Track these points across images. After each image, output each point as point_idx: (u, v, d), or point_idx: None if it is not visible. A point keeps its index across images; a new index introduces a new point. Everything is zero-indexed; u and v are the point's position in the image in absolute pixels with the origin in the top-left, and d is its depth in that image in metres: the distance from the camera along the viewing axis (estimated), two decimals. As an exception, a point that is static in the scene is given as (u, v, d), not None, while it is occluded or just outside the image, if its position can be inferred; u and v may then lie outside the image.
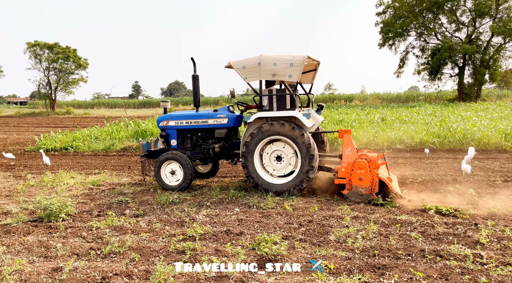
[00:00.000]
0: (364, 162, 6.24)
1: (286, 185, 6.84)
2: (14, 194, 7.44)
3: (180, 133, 8.00)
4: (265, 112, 6.95)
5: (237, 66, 7.00)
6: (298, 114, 6.71)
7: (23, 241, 4.89)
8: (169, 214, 5.98)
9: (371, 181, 6.18)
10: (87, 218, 5.89)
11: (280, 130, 6.72)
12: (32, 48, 43.18)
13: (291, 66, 6.67)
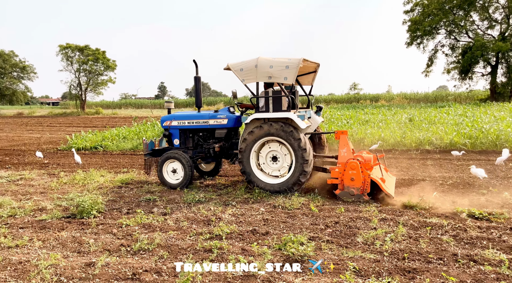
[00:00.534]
0: (356, 163, 6.30)
1: (279, 185, 6.98)
2: (49, 191, 7.73)
3: (182, 133, 8.21)
4: (261, 113, 7.08)
5: (235, 69, 7.15)
6: (293, 116, 6.77)
7: (57, 236, 5.08)
8: (196, 213, 6.06)
9: (363, 182, 6.25)
10: (117, 215, 6.05)
11: (275, 132, 6.83)
12: (64, 50, 44.82)
13: (286, 69, 6.78)
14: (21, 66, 48.89)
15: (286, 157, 7.07)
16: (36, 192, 7.72)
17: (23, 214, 6.08)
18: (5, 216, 5.96)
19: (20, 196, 7.29)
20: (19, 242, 4.82)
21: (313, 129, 7.78)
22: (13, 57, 48.45)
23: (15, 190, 7.90)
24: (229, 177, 9.03)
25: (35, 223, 5.65)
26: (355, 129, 13.96)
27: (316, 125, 7.93)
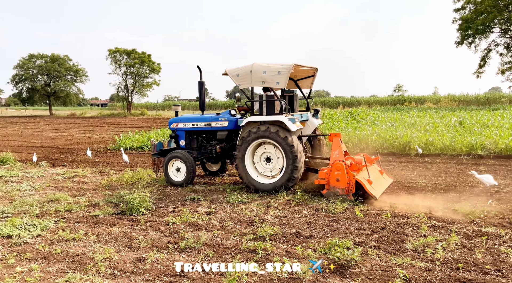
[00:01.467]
0: (341, 164, 6.49)
1: (273, 184, 7.23)
2: (100, 188, 8.15)
3: (187, 134, 8.67)
4: (256, 116, 7.40)
5: (232, 74, 7.52)
6: (284, 119, 7.03)
7: (110, 231, 5.34)
8: (239, 213, 6.13)
9: (348, 182, 6.44)
10: (163, 213, 6.26)
11: (267, 134, 7.10)
12: (112, 54, 47.12)
13: (278, 74, 7.07)
14: (74, 69, 51.98)
15: (279, 159, 7.32)
16: (89, 188, 8.16)
17: (78, 209, 6.46)
18: (62, 210, 6.36)
19: (75, 192, 7.75)
20: (76, 235, 5.12)
21: (310, 132, 8.10)
22: (68, 61, 51.63)
23: (70, 186, 8.41)
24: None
25: (89, 218, 5.97)
26: (400, 132, 13.49)
27: (314, 128, 8.19)
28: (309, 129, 8.18)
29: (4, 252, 4.58)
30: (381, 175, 7.32)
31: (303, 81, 8.52)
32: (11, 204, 6.72)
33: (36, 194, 7.62)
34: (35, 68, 49.75)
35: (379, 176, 7.27)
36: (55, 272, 4.05)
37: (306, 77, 8.49)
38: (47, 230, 5.40)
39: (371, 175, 6.68)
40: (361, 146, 12.84)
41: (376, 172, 7.22)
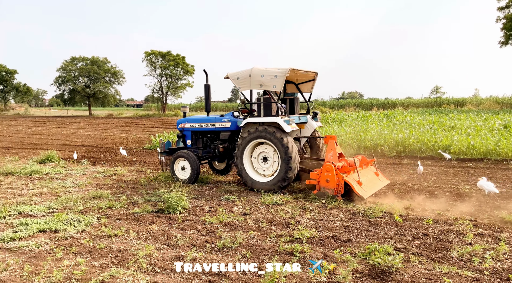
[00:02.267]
0: (331, 166, 6.75)
1: (269, 183, 7.54)
2: (138, 187, 8.39)
3: (194, 134, 9.07)
4: (253, 118, 7.75)
5: (233, 77, 7.91)
6: (279, 120, 7.33)
7: (149, 229, 5.48)
8: (274, 215, 6.12)
9: (337, 183, 6.70)
10: (200, 212, 6.35)
11: (264, 134, 7.43)
12: (148, 56, 48.51)
13: (275, 78, 7.38)
14: (112, 71, 53.96)
15: (275, 159, 7.63)
16: (127, 186, 8.42)
17: (119, 207, 6.68)
18: (104, 207, 6.60)
19: (114, 190, 8.02)
20: (117, 232, 5.30)
21: (309, 134, 8.47)
22: (106, 63, 53.67)
23: (110, 184, 8.71)
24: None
25: (129, 215, 6.16)
26: (439, 135, 12.99)
27: (312, 130, 8.50)
28: (308, 132, 8.51)
29: (52, 245, 4.81)
30: (376, 177, 7.55)
31: (304, 85, 8.83)
32: (57, 199, 7.05)
33: (79, 190, 7.96)
34: (77, 70, 52.08)
35: (374, 177, 7.48)
36: (99, 266, 4.20)
37: (307, 81, 8.77)
38: (91, 226, 5.62)
39: (363, 177, 6.97)
40: (398, 149, 12.50)
41: (371, 173, 7.49)
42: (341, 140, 13.81)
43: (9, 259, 4.38)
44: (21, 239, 5.01)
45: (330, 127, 16.63)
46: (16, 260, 4.33)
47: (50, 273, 4.00)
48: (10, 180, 8.95)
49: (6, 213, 6.09)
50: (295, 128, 7.65)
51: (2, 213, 6.03)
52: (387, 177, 7.96)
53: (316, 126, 8.50)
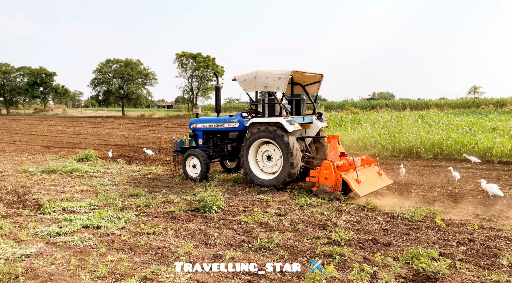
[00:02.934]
0: (329, 163, 7.00)
1: (272, 180, 7.81)
2: (173, 186, 8.54)
3: (205, 134, 9.48)
4: (258, 118, 8.07)
5: (240, 80, 8.25)
6: (282, 120, 7.59)
7: (186, 227, 5.56)
8: (309, 216, 6.05)
9: (335, 181, 6.92)
10: (235, 212, 6.37)
11: (267, 134, 7.72)
12: (180, 58, 49.44)
13: (279, 80, 7.65)
14: (145, 73, 55.40)
15: (278, 157, 7.85)
16: (163, 185, 8.59)
17: (156, 205, 6.82)
18: (142, 205, 6.76)
19: (151, 188, 8.20)
20: (156, 229, 5.41)
21: (314, 133, 8.71)
22: (139, 65, 55.18)
23: (146, 182, 8.92)
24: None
25: (166, 214, 6.27)
26: (480, 137, 12.44)
27: (317, 130, 8.71)
28: (313, 131, 8.74)
29: (95, 241, 4.97)
30: (378, 176, 7.69)
31: (310, 86, 9.08)
32: (97, 197, 7.29)
33: (117, 188, 8.19)
34: (111, 72, 53.84)
35: (375, 177, 7.62)
36: (141, 262, 4.30)
37: (313, 83, 8.99)
38: (130, 223, 5.76)
39: (364, 176, 7.21)
40: (434, 151, 12.08)
41: (373, 173, 7.67)
42: (374, 142, 13.53)
43: (56, 253, 4.56)
44: (66, 234, 5.21)
45: (363, 129, 16.30)
46: (63, 254, 4.51)
47: (95, 267, 4.13)
48: (53, 177, 9.34)
49: (51, 209, 6.35)
50: (298, 128, 7.81)
51: (48, 209, 6.30)
52: (390, 177, 8.10)
53: (321, 127, 8.73)
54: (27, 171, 10.04)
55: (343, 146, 13.81)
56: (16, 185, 8.48)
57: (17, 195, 7.53)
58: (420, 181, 8.73)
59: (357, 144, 13.83)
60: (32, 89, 62.99)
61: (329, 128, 16.90)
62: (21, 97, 66.12)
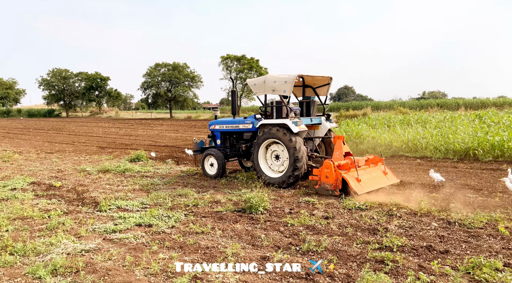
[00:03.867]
0: (330, 163, 7.28)
1: (279, 178, 8.22)
2: (219, 186, 8.68)
3: (222, 135, 10.01)
4: (267, 120, 8.58)
5: (251, 84, 8.85)
6: (288, 122, 8.02)
7: (233, 227, 5.62)
8: (358, 220, 5.87)
9: (336, 179, 7.22)
10: (281, 214, 6.34)
11: (274, 135, 8.15)
12: (224, 60, 50.31)
13: (285, 83, 8.09)
14: (191, 76, 57.00)
15: (286, 157, 8.19)
16: (210, 186, 8.76)
17: (203, 205, 6.96)
18: (190, 205, 6.93)
19: (198, 188, 8.39)
20: (204, 229, 5.51)
21: (323, 134, 9.12)
22: (186, 68, 56.87)
23: (194, 182, 9.14)
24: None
25: (214, 214, 6.38)
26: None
27: (326, 130, 9.09)
28: (322, 132, 9.15)
29: (147, 239, 5.17)
30: (384, 175, 7.95)
31: (320, 89, 9.44)
32: (148, 196, 7.59)
33: (166, 188, 8.47)
34: (160, 75, 55.97)
35: (380, 176, 7.90)
36: (191, 261, 4.39)
37: (323, 85, 9.37)
38: (180, 222, 5.92)
39: (367, 175, 7.58)
40: (494, 153, 11.27)
41: (378, 172, 7.94)
42: (426, 143, 12.89)
43: (112, 249, 4.79)
44: (121, 231, 5.47)
45: (413, 129, 15.60)
46: (118, 251, 4.73)
47: (148, 264, 4.29)
48: (108, 176, 9.86)
49: (107, 206, 6.70)
50: (304, 129, 8.14)
51: (104, 207, 6.64)
52: (396, 176, 8.35)
53: (329, 127, 9.09)
54: (85, 170, 10.68)
55: (392, 147, 13.30)
56: (76, 183, 9.05)
57: (76, 192, 8.03)
58: (478, 185, 8.19)
59: (407, 145, 13.26)
60: (89, 93, 67.10)
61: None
62: (79, 101, 70.61)
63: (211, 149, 9.72)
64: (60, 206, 6.98)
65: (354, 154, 8.61)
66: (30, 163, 12.36)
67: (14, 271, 4.17)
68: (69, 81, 67.52)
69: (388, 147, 13.48)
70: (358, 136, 14.83)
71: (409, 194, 7.36)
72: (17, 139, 22.04)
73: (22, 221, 6.03)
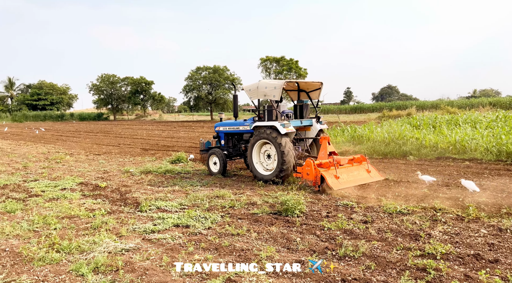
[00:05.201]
0: (310, 161, 7.94)
1: (269, 175, 8.90)
2: (256, 188, 8.69)
3: (225, 136, 10.81)
4: (259, 122, 9.18)
5: (246, 89, 9.62)
6: (276, 124, 8.66)
7: (268, 230, 5.59)
8: (399, 225, 5.63)
9: (315, 176, 7.88)
10: (317, 217, 6.22)
11: (265, 136, 8.83)
12: (264, 62, 50.49)
13: (274, 89, 8.92)
14: (231, 78, 57.76)
15: (276, 156, 8.78)
16: (246, 187, 8.79)
17: (239, 206, 6.99)
18: (227, 206, 6.99)
19: (235, 190, 8.45)
20: (240, 231, 5.53)
21: (314, 135, 9.78)
22: (226, 71, 57.73)
23: (231, 184, 9.23)
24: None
25: (249, 216, 6.39)
26: None
27: (316, 131, 9.72)
28: (313, 133, 9.80)
29: (184, 239, 5.27)
30: (367, 173, 8.48)
31: (313, 93, 10.14)
32: (186, 197, 7.75)
33: (204, 189, 8.61)
34: (201, 79, 57.22)
35: (362, 173, 8.44)
36: (225, 263, 4.42)
37: (315, 90, 10.09)
38: (216, 224, 5.99)
39: (348, 173, 8.20)
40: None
41: (361, 170, 8.51)
42: (475, 145, 12.13)
43: (151, 249, 4.93)
44: (159, 232, 5.62)
45: (462, 130, 14.75)
46: (156, 251, 4.86)
47: (183, 265, 4.36)
48: (149, 177, 10.20)
49: (147, 207, 6.92)
50: (291, 130, 8.77)
51: (144, 207, 6.87)
52: (381, 174, 8.82)
53: (319, 128, 9.69)
54: (128, 172, 11.13)
55: (438, 148, 12.64)
56: (119, 184, 9.44)
57: (120, 193, 8.37)
58: (535, 189, 7.56)
59: (454, 147, 12.55)
60: (134, 97, 69.97)
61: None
62: (125, 105, 73.83)
63: (215, 149, 10.54)
64: (104, 205, 7.30)
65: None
66: (79, 164, 13.07)
67: (59, 268, 4.41)
68: (116, 86, 70.80)
69: (433, 148, 12.84)
70: (401, 138, 14.26)
71: (456, 198, 6.95)
72: (69, 141, 23.43)
73: (69, 219, 6.37)
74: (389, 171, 10.06)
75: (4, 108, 71.19)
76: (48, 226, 5.99)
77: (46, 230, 5.78)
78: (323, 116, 53.73)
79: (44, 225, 6.03)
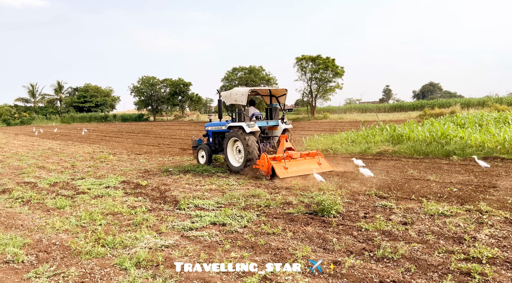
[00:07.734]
0: (264, 155, 9.61)
1: (239, 167, 10.57)
2: (292, 188, 8.68)
3: (212, 134, 12.61)
4: (232, 123, 11.07)
5: (223, 95, 11.57)
6: (242, 124, 10.42)
7: (304, 230, 5.57)
8: (441, 227, 5.42)
9: (268, 167, 9.51)
10: (354, 217, 6.12)
11: (235, 134, 10.53)
12: (299, 62, 50.16)
13: (242, 95, 10.59)
14: (266, 78, 57.89)
15: (243, 150, 10.38)
16: (282, 187, 8.80)
17: (275, 206, 7.01)
18: (262, 205, 7.04)
19: (271, 189, 8.48)
20: (275, 230, 5.56)
21: (279, 133, 11.36)
22: (261, 71, 57.95)
23: (267, 184, 9.26)
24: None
25: (285, 215, 6.40)
26: None
27: (281, 130, 11.32)
28: (279, 132, 11.41)
29: (221, 237, 5.37)
30: (318, 165, 10.03)
31: (280, 98, 11.82)
32: (223, 196, 7.88)
33: (240, 188, 8.72)
34: (236, 79, 57.79)
35: (313, 166, 9.90)
36: (261, 262, 4.46)
37: (282, 95, 11.81)
38: (252, 222, 6.05)
39: (298, 165, 9.83)
40: None
41: (312, 163, 10.07)
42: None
43: (189, 246, 5.07)
44: (197, 229, 5.77)
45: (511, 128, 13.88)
46: (194, 248, 4.99)
47: (220, 262, 4.46)
48: (187, 176, 10.47)
49: (186, 205, 7.12)
50: (255, 129, 10.45)
51: (183, 205, 7.07)
52: (331, 165, 10.35)
53: (284, 127, 11.28)
54: (168, 171, 11.48)
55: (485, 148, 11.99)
56: (159, 182, 9.77)
57: (159, 191, 8.66)
58: None
59: (503, 146, 11.85)
60: (173, 98, 71.92)
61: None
62: (164, 106, 76.10)
63: (203, 145, 12.54)
64: (145, 203, 7.60)
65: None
66: (121, 163, 13.66)
67: (105, 262, 4.65)
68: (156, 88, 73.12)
69: (479, 147, 12.20)
70: (444, 137, 13.66)
71: (504, 200, 6.58)
72: (112, 141, 24.51)
73: (113, 216, 6.69)
74: (431, 171, 9.70)
75: (54, 110, 75.58)
76: (94, 221, 6.32)
77: (92, 226, 6.10)
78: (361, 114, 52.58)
79: (90, 221, 6.37)
